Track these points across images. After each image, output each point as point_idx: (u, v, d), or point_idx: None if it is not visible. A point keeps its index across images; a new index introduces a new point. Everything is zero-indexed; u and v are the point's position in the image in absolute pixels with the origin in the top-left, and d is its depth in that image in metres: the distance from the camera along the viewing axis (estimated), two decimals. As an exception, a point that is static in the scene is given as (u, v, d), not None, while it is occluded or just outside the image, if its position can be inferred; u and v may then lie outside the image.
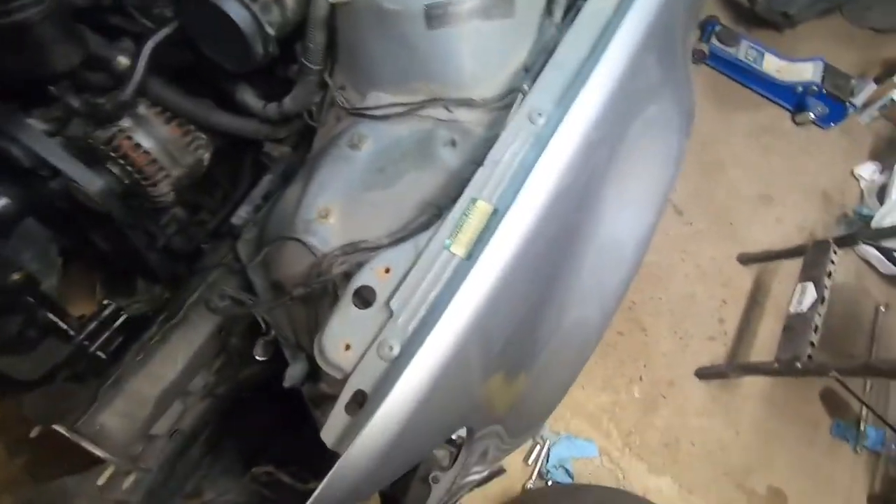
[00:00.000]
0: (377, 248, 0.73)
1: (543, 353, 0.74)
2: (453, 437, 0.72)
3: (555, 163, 0.65)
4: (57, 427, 0.83)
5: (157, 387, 0.95)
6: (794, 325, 2.08)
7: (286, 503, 1.30)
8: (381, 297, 0.63)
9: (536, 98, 0.70)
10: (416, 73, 0.84)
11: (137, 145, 0.99)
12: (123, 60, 0.93)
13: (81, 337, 0.93)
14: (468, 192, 0.66)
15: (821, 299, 2.09)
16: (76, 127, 0.97)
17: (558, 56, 0.72)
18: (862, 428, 2.38)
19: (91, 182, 0.98)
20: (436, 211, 0.73)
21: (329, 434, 0.58)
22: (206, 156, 1.12)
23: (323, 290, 0.78)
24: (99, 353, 0.98)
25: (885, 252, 2.32)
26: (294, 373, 0.88)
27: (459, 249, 0.64)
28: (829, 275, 2.16)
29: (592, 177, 0.71)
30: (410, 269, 0.63)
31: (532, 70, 0.77)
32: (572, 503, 1.60)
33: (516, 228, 0.62)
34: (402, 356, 0.59)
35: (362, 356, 0.60)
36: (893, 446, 2.36)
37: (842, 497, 2.27)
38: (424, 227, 0.73)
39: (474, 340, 0.59)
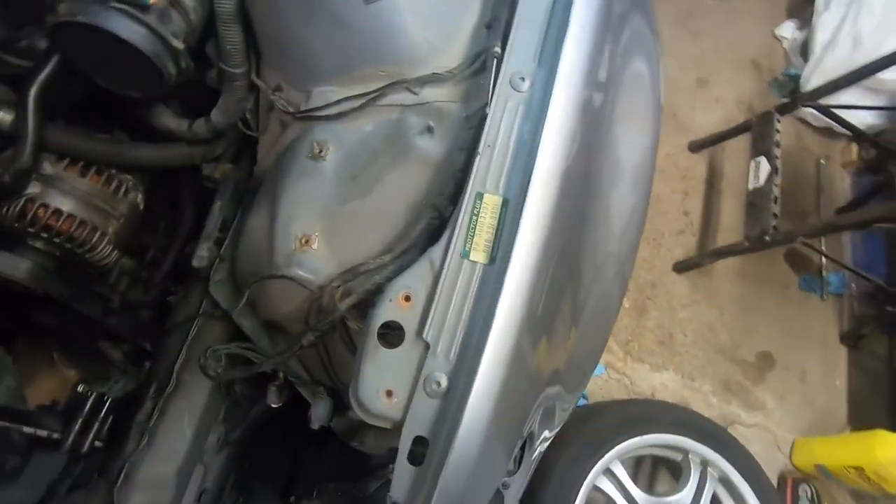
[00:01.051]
0: (380, 268, 0.66)
1: (588, 304, 0.70)
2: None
3: (557, 134, 0.58)
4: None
5: (172, 463, 0.87)
6: (755, 202, 2.16)
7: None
8: (409, 331, 0.56)
9: (514, 60, 0.61)
10: (362, 56, 0.73)
11: (56, 211, 0.84)
12: (5, 116, 0.76)
13: (70, 440, 0.83)
14: (471, 188, 0.59)
15: (774, 170, 2.16)
16: (-25, 210, 0.81)
17: (523, 7, 0.63)
18: (824, 276, 2.57)
19: (14, 267, 0.84)
20: (434, 213, 0.65)
21: (399, 490, 0.53)
22: (140, 197, 0.98)
23: (331, 327, 0.70)
24: (97, 444, 0.88)
25: (821, 109, 2.40)
26: (319, 412, 0.82)
27: (480, 256, 0.57)
28: (777, 144, 2.23)
29: (596, 130, 0.64)
30: (433, 291, 0.56)
31: (495, 27, 0.67)
32: (598, 420, 1.67)
33: (537, 217, 0.56)
34: (452, 388, 0.54)
35: (409, 400, 0.55)
36: (853, 285, 2.58)
37: (818, 342, 2.49)
38: (427, 234, 0.65)
39: (525, 340, 0.54)
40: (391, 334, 0.57)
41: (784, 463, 2.22)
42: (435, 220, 0.65)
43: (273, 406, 0.86)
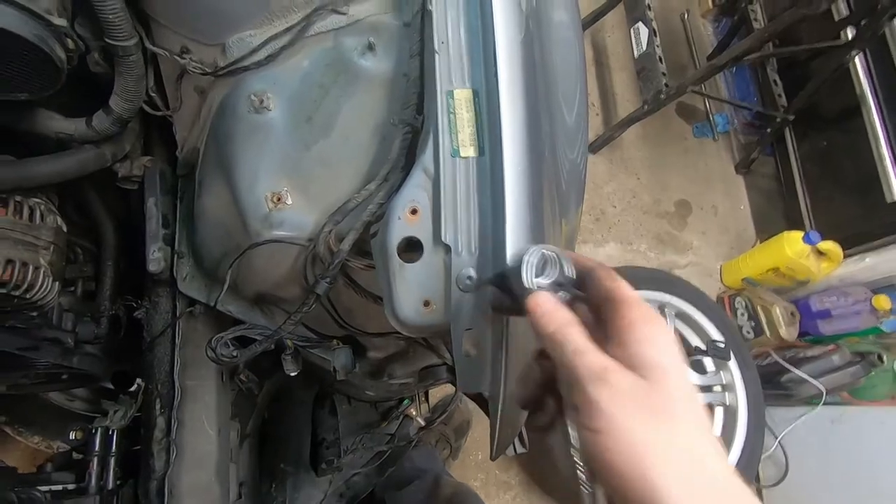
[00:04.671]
0: (370, 197, 0.65)
1: (568, 182, 0.75)
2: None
3: (505, 10, 0.59)
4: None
5: (209, 467, 0.85)
6: (644, 66, 2.30)
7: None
8: (427, 240, 0.57)
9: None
10: (271, -12, 0.67)
11: (-27, 259, 0.73)
12: None
13: (94, 481, 0.78)
14: (440, 87, 0.59)
15: (653, 32, 2.31)
16: None
17: None
18: (712, 119, 2.85)
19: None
20: (405, 128, 0.65)
21: (466, 383, 0.57)
22: (58, 220, 0.87)
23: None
24: (117, 483, 0.84)
25: (675, -35, 2.54)
26: (343, 361, 0.83)
27: (469, 150, 0.58)
28: (650, 7, 2.36)
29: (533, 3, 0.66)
30: (437, 196, 0.57)
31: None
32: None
33: (512, 98, 0.58)
34: (483, 275, 0.57)
35: (448, 301, 0.57)
36: (736, 121, 2.89)
37: (719, 177, 2.80)
38: (406, 150, 0.65)
39: (537, 217, 0.57)
40: (410, 249, 0.58)
41: (718, 287, 2.56)
42: (408, 134, 0.65)
43: (292, 375, 0.85)
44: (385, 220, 0.59)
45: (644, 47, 2.33)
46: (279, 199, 0.70)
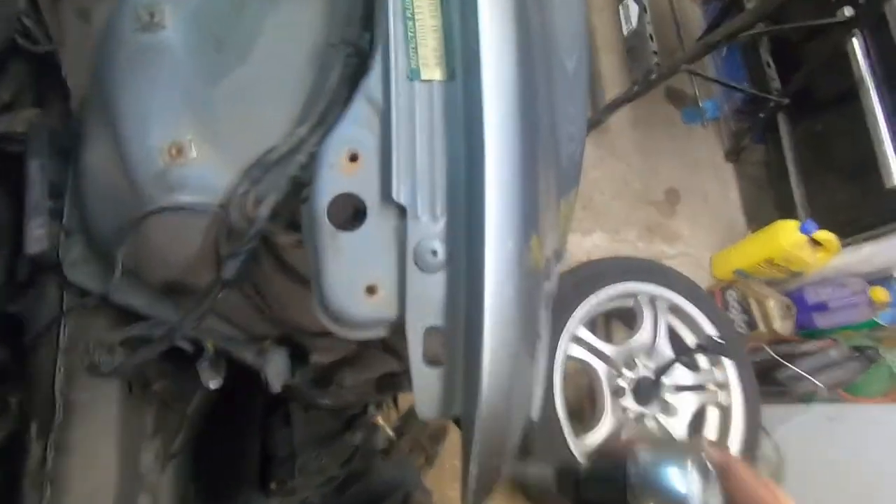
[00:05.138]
0: (300, 145, 0.47)
1: (568, 166, 0.58)
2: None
3: None
4: None
5: None
6: (634, 45, 2.16)
7: None
8: (371, 198, 0.40)
9: None
10: None
11: None
12: None
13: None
14: (392, -13, 0.41)
15: (643, 8, 2.16)
16: None
17: None
18: (701, 105, 2.73)
19: None
20: (347, 49, 0.47)
21: (427, 404, 0.40)
22: None
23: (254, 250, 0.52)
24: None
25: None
26: (275, 369, 0.64)
27: (434, 72, 0.41)
28: (639, -18, 2.21)
29: None
30: (387, 135, 0.40)
31: None
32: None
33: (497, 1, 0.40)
34: (454, 253, 0.40)
35: (401, 286, 0.40)
36: (725, 107, 2.77)
37: (709, 165, 2.69)
38: (348, 80, 0.47)
39: (528, 168, 0.40)
40: (347, 212, 0.41)
41: (708, 278, 2.44)
42: (352, 58, 0.47)
43: (212, 388, 0.67)
44: (313, 174, 0.41)
45: (634, 24, 2.19)
46: (179, 152, 0.52)
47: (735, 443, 1.75)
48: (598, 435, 1.60)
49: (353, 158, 0.40)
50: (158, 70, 0.51)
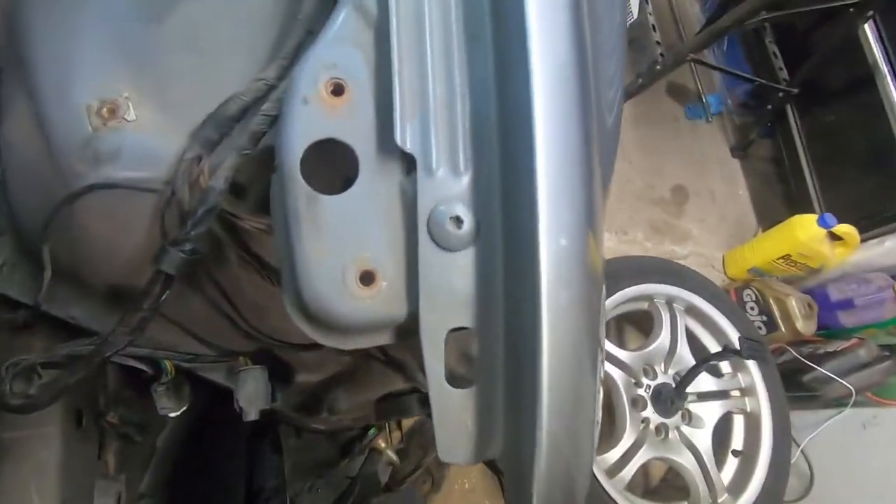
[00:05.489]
0: (270, 91, 0.35)
1: (609, 147, 0.47)
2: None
3: None
4: None
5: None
6: (636, 36, 2.07)
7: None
8: (366, 147, 0.28)
9: None
10: None
11: None
12: None
13: None
14: None
15: (645, 0, 2.08)
16: None
17: None
18: (704, 100, 2.64)
19: None
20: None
21: (454, 443, 0.27)
22: None
23: (211, 238, 0.39)
24: None
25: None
26: (251, 392, 0.52)
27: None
28: (639, -28, 2.13)
29: None
30: (385, 57, 0.28)
31: None
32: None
33: None
34: (486, 222, 0.27)
35: (412, 272, 0.27)
36: (729, 101, 2.69)
37: (715, 161, 2.59)
38: (332, 3, 0.35)
39: (581, 116, 0.28)
40: (330, 166, 0.28)
41: (721, 278, 2.32)
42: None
43: (170, 416, 0.54)
44: (281, 113, 0.29)
45: (635, 16, 2.10)
46: (112, 112, 0.40)
47: (766, 453, 1.62)
48: (619, 452, 1.47)
49: (338, 91, 0.28)
50: (82, 5, 0.39)
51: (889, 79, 1.92)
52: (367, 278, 0.28)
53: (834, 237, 2.00)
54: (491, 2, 0.29)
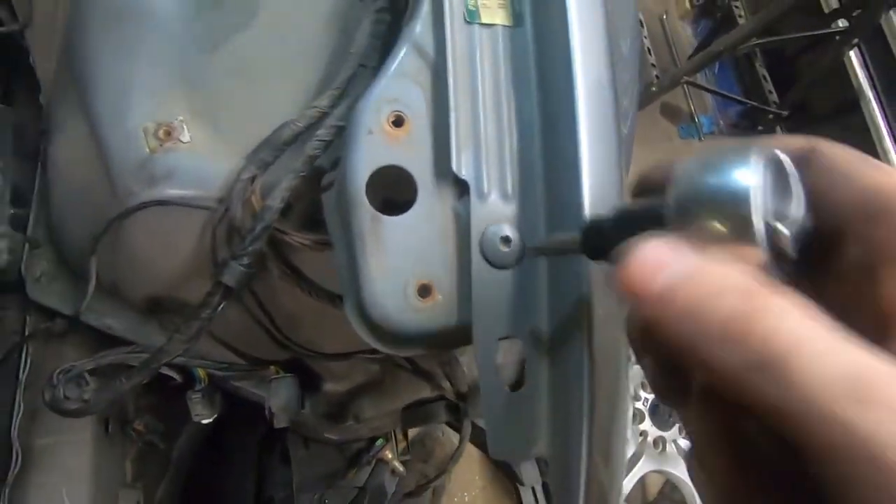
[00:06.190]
0: (320, 119, 0.38)
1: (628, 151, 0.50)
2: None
3: None
4: None
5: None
6: (631, 58, 2.14)
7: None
8: (424, 174, 0.31)
9: None
10: None
11: None
12: None
13: None
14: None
15: (640, 23, 2.15)
16: None
17: None
18: (697, 121, 2.72)
19: None
20: (383, 2, 0.38)
21: (505, 440, 0.30)
22: None
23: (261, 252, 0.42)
24: None
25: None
26: (283, 399, 0.54)
27: (497, 15, 0.33)
28: (634, -3, 2.21)
29: None
30: (442, 92, 0.31)
31: None
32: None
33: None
34: (531, 242, 0.30)
35: (463, 286, 0.30)
36: (721, 122, 2.77)
37: (707, 182, 2.66)
38: (382, 39, 0.39)
39: (615, 144, 0.32)
40: (392, 190, 0.31)
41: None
42: (384, 13, 0.39)
43: (204, 422, 0.56)
44: (347, 141, 0.32)
45: (631, 38, 2.17)
46: (168, 134, 0.42)
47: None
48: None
49: (399, 123, 0.31)
50: (141, 35, 0.42)
51: (873, 103, 2.00)
52: (424, 291, 0.30)
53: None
54: (536, 47, 0.32)
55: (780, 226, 0.16)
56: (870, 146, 2.02)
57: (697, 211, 0.16)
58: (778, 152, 0.17)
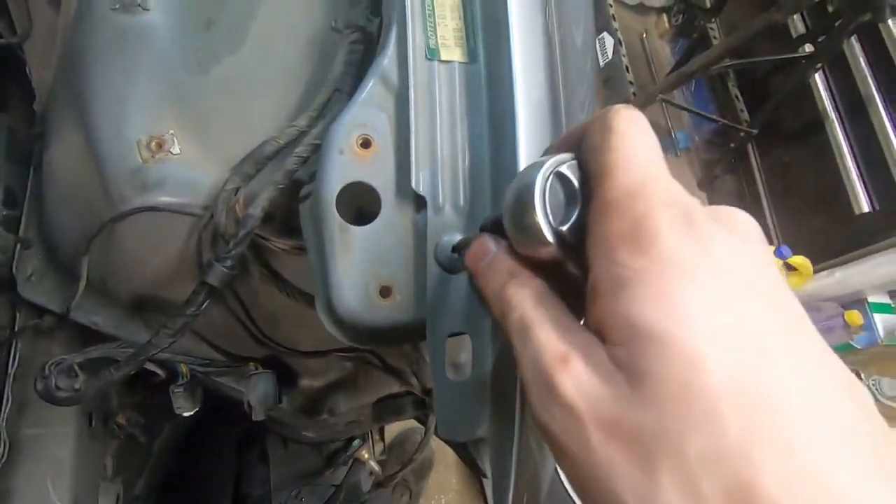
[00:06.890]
0: (298, 138, 0.42)
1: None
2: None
3: None
4: None
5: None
6: (611, 75, 2.22)
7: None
8: (387, 189, 0.36)
9: None
10: None
11: None
12: None
13: None
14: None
15: (619, 42, 2.24)
16: None
17: None
18: (673, 136, 2.82)
19: None
20: (352, 32, 0.43)
21: (451, 423, 0.34)
22: None
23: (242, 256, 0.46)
24: None
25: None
26: (261, 393, 0.58)
27: (454, 53, 0.37)
28: (613, 17, 2.30)
29: None
30: (404, 118, 0.36)
31: None
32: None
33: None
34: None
35: (420, 287, 0.35)
36: (696, 138, 2.87)
37: (683, 195, 2.74)
38: (354, 67, 0.43)
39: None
40: (359, 203, 0.36)
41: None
42: (358, 44, 0.43)
43: (185, 415, 0.59)
44: (321, 160, 0.36)
45: (610, 56, 2.26)
46: (160, 146, 0.46)
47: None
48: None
49: (366, 144, 0.36)
50: (139, 56, 0.46)
51: (836, 124, 2.11)
52: (385, 292, 0.35)
53: (790, 267, 2.14)
54: (488, 80, 0.37)
55: (555, 225, 0.23)
56: (832, 165, 2.12)
57: (506, 218, 0.24)
58: (561, 160, 0.23)
